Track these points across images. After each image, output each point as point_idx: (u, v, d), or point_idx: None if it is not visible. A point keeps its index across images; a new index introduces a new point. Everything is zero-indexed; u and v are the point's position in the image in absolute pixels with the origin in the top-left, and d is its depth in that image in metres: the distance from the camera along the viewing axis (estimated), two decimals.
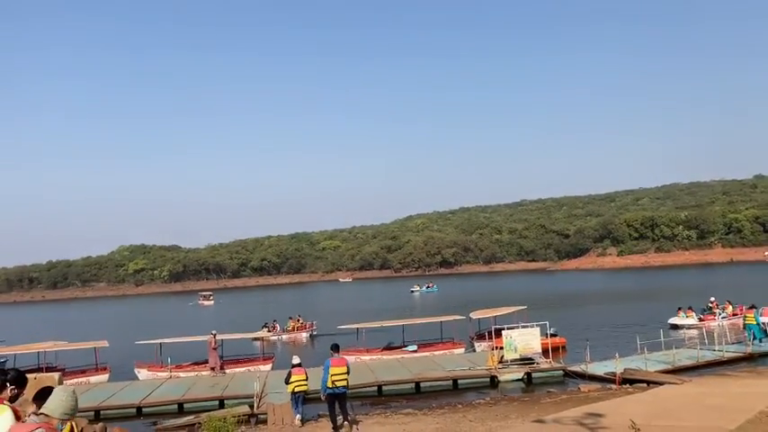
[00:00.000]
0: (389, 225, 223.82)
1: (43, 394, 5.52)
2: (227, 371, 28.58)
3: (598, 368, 23.52)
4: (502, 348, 25.36)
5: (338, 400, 14.72)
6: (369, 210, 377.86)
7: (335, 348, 15.17)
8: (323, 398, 14.92)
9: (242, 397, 21.58)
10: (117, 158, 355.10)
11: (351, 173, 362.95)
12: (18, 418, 5.05)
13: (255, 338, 38.20)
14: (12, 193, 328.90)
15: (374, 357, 30.23)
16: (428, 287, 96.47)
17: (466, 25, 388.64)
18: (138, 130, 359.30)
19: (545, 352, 25.67)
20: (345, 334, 34.39)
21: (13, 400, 5.22)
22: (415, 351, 30.85)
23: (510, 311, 33.16)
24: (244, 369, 29.19)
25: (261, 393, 21.55)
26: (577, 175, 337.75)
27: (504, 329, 26.21)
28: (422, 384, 23.55)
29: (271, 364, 29.59)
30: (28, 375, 5.86)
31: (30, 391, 5.53)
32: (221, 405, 21.37)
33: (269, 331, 42.51)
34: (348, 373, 14.75)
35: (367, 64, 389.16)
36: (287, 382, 16.92)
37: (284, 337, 43.89)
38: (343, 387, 14.51)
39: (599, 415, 13.40)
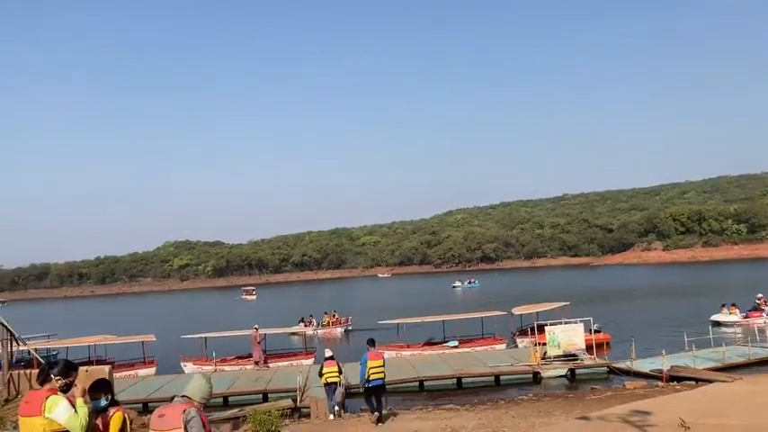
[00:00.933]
0: (429, 220, 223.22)
1: (96, 386, 5.70)
2: (271, 365, 29.00)
3: (644, 365, 23.10)
4: (544, 344, 25.12)
5: (375, 393, 15.03)
6: (408, 205, 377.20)
7: (372, 343, 15.38)
8: (362, 390, 15.24)
9: (285, 391, 21.86)
10: (161, 158, 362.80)
11: (391, 169, 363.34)
12: (72, 405, 5.21)
13: (292, 333, 38.66)
14: (61, 192, 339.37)
15: (415, 353, 30.27)
16: (470, 282, 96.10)
17: (502, 20, 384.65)
18: (181, 132, 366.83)
19: (589, 348, 25.30)
20: (385, 329, 34.49)
21: (65, 390, 5.37)
22: (455, 347, 30.79)
23: (552, 307, 32.80)
24: (287, 363, 29.58)
25: (304, 387, 21.79)
26: (621, 169, 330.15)
27: (546, 325, 25.94)
28: (463, 380, 23.50)
29: (313, 359, 29.90)
30: (80, 368, 6.02)
31: (83, 384, 5.70)
32: (265, 399, 21.70)
33: (305, 326, 43.13)
34: (384, 366, 15.04)
35: (409, 62, 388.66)
36: (320, 374, 17.54)
37: (320, 331, 44.37)
38: (380, 380, 14.78)
39: (646, 413, 13.15)
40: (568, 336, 24.93)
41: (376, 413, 15.22)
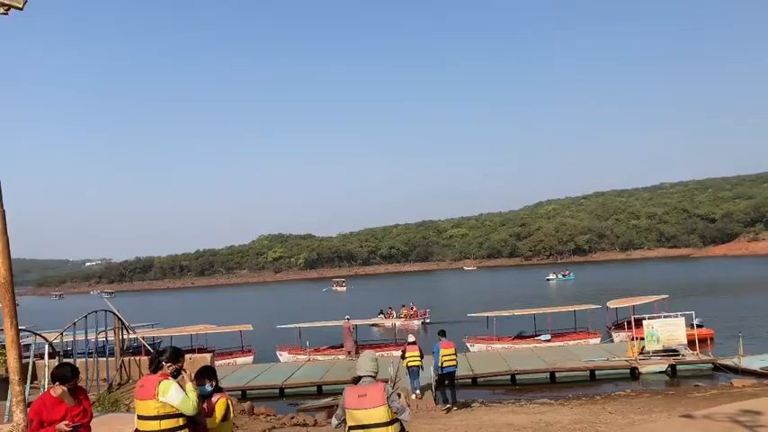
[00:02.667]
0: (519, 212, 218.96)
1: (201, 373, 6.00)
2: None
3: (753, 362, 21.77)
4: (642, 339, 24.14)
5: (447, 379, 16.18)
6: (497, 197, 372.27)
7: (443, 333, 16.90)
8: (433, 376, 16.44)
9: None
10: (257, 157, 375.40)
11: (479, 161, 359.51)
12: (183, 390, 5.51)
13: (372, 324, 39.11)
14: (163, 189, 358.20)
15: (506, 346, 29.91)
16: (564, 275, 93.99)
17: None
18: (275, 133, 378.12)
19: (690, 343, 24.09)
20: (475, 322, 34.22)
21: (175, 375, 5.68)
22: (548, 340, 30.15)
23: (650, 300, 31.51)
24: (377, 354, 29.91)
25: (395, 378, 21.98)
26: (723, 155, 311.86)
27: (644, 319, 24.91)
28: (557, 374, 22.97)
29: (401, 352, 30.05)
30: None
31: (189, 370, 6.00)
32: None
33: (385, 318, 43.84)
34: (456, 354, 16.37)
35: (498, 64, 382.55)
36: (402, 357, 18.38)
37: (398, 323, 44.80)
38: (453, 367, 16.11)
39: (757, 412, 12.38)
40: (668, 330, 23.83)
41: (447, 404, 16.08)
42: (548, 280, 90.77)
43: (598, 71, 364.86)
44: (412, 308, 47.51)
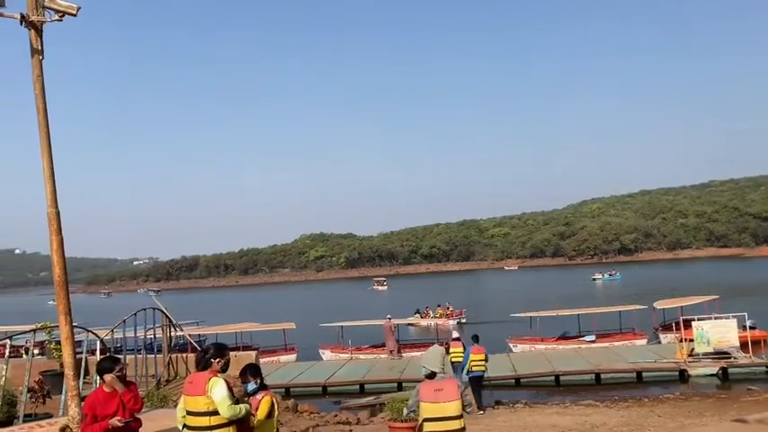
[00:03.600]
0: (562, 211, 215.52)
1: (246, 370, 6.09)
2: (404, 354, 29.40)
3: None
4: (691, 341, 23.50)
5: (474, 383, 16.57)
6: (539, 195, 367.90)
7: (476, 339, 17.40)
8: (462, 378, 16.46)
9: (419, 381, 22.02)
10: (300, 158, 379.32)
11: (521, 159, 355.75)
12: (230, 388, 5.61)
13: (408, 324, 39.11)
14: (208, 189, 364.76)
15: (549, 347, 29.53)
16: (610, 275, 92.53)
17: None
18: (317, 132, 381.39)
19: (743, 346, 23.34)
20: (518, 322, 33.88)
21: (224, 369, 5.79)
22: (592, 341, 29.65)
23: (699, 301, 30.70)
24: (419, 353, 29.85)
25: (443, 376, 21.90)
26: None
27: (693, 320, 24.25)
28: (602, 376, 22.57)
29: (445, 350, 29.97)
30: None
31: (233, 369, 6.10)
32: (399, 387, 22.07)
33: (421, 317, 44.07)
34: (486, 360, 16.84)
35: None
36: (446, 353, 18.30)
37: (433, 323, 44.75)
38: (480, 372, 16.61)
39: None
40: (719, 332, 23.12)
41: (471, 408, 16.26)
42: (593, 280, 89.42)
43: (644, 65, 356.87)
44: (448, 307, 47.65)
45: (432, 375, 5.70)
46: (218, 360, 5.72)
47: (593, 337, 30.01)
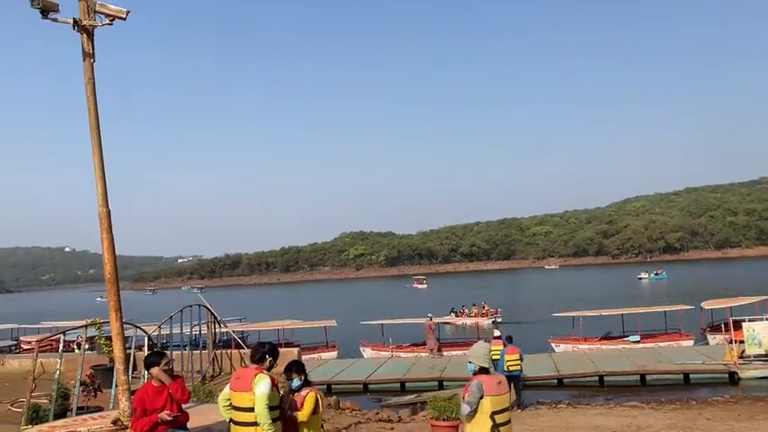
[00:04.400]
0: (605, 209, 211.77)
1: (291, 367, 6.17)
2: (445, 353, 29.30)
3: None
4: (741, 342, 22.82)
5: (512, 382, 16.40)
6: (581, 193, 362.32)
7: (509, 339, 18.04)
8: None
9: (460, 380, 21.94)
10: (339, 153, 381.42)
11: (561, 156, 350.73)
12: (275, 385, 5.70)
13: (444, 323, 39.00)
14: (251, 189, 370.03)
15: (592, 347, 29.09)
16: (656, 274, 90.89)
17: None
18: (357, 131, 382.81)
19: None
20: (558, 322, 33.46)
21: (268, 369, 5.89)
22: (637, 341, 29.08)
23: (750, 301, 29.80)
24: (460, 352, 29.71)
25: None
26: None
27: (744, 321, 23.54)
28: (648, 377, 22.11)
29: None
30: None
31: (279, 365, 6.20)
32: (440, 386, 22.01)
33: (456, 316, 44.30)
34: (521, 360, 17.30)
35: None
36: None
37: (468, 322, 44.56)
38: (517, 371, 17.01)
39: None
40: None
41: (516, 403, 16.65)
42: (639, 279, 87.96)
43: (690, 62, 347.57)
44: (483, 306, 47.63)
45: (484, 371, 5.84)
46: (270, 359, 5.85)
47: (637, 338, 29.43)
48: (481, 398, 5.65)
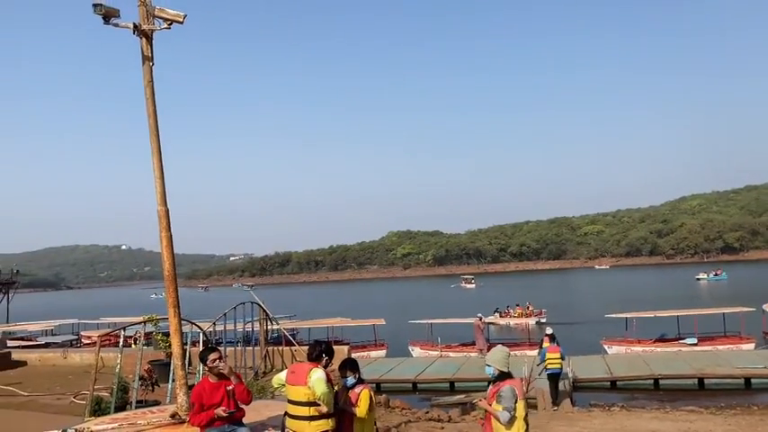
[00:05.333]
0: (659, 207, 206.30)
1: (345, 365, 6.22)
2: None
3: None
4: None
5: (552, 380, 17.50)
6: (635, 191, 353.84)
7: (552, 339, 18.33)
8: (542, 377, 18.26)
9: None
10: (386, 158, 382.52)
11: (615, 154, 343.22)
12: (329, 381, 5.76)
13: (489, 323, 38.67)
14: (303, 190, 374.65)
15: (647, 349, 28.38)
16: (715, 274, 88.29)
17: None
18: (403, 130, 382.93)
19: None
20: (611, 323, 32.77)
21: (324, 368, 5.95)
22: (694, 344, 28.24)
23: None
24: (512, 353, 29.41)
25: (529, 378, 21.53)
26: None
27: None
28: (706, 381, 21.41)
29: (537, 350, 29.36)
30: None
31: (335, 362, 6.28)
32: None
33: (500, 316, 44.52)
34: (563, 359, 17.76)
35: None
36: (540, 347, 20.01)
37: (512, 322, 44.06)
38: (558, 369, 17.46)
39: None
40: None
41: (556, 400, 17.34)
42: (697, 280, 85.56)
43: (745, 50, 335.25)
44: (528, 307, 47.28)
45: (505, 375, 5.78)
46: (326, 357, 5.93)
47: (694, 340, 28.60)
48: (515, 402, 5.63)
